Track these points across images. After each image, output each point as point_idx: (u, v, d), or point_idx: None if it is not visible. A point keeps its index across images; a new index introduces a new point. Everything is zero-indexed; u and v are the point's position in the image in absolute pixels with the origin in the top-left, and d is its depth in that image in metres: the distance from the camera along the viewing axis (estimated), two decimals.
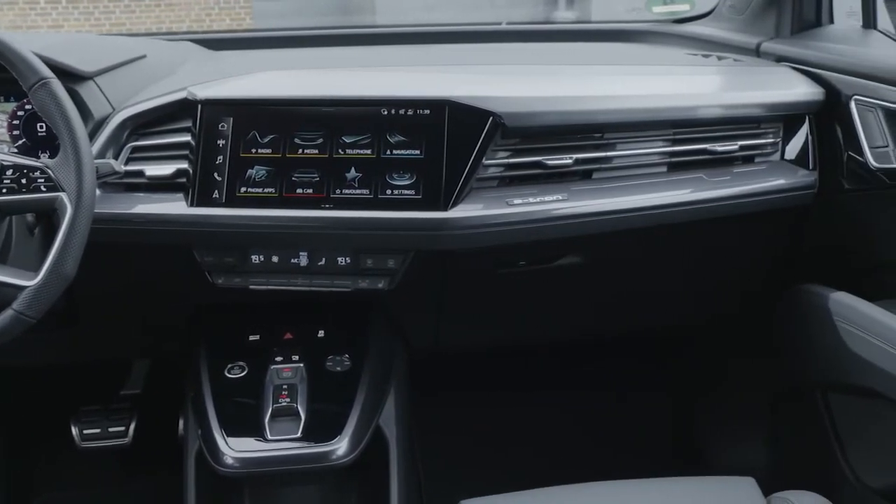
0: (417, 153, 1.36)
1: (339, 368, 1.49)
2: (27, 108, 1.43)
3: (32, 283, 1.13)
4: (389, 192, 1.35)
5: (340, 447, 1.38)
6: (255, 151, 1.36)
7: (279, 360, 1.48)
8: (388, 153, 1.36)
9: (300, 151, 1.36)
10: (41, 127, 1.43)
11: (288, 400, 1.42)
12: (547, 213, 1.39)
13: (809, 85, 1.59)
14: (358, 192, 1.35)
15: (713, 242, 1.61)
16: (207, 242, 1.40)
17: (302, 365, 1.48)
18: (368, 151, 1.36)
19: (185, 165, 1.37)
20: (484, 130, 1.36)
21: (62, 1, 8.80)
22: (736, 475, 1.28)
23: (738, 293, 1.80)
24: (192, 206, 1.35)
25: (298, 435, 1.39)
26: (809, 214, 1.60)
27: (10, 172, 1.17)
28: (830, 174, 1.57)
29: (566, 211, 1.40)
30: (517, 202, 1.38)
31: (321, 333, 1.55)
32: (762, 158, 1.58)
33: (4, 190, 1.17)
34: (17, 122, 1.43)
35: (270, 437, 1.39)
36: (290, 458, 1.37)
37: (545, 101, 1.43)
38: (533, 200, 1.38)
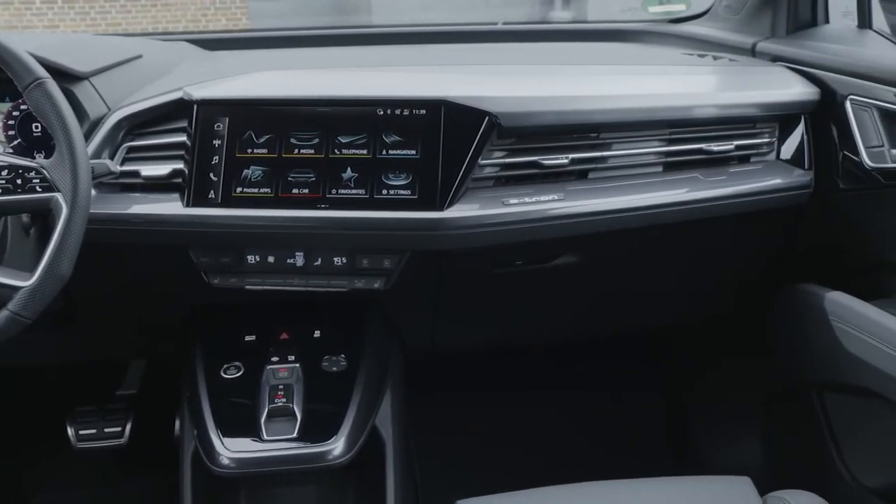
0: (413, 153, 1.35)
1: (335, 368, 1.49)
2: (22, 108, 1.42)
3: (28, 283, 1.12)
4: (385, 192, 1.35)
5: (336, 447, 1.38)
6: (250, 151, 1.36)
7: (275, 360, 1.48)
8: (384, 153, 1.36)
9: (296, 151, 1.36)
10: (36, 127, 1.43)
11: (284, 400, 1.42)
12: (543, 213, 1.39)
13: (805, 85, 1.59)
14: (354, 192, 1.35)
15: (709, 242, 1.62)
16: (203, 243, 1.40)
17: (298, 365, 1.47)
18: (364, 151, 1.36)
19: (180, 165, 1.36)
20: (480, 130, 1.36)
21: (58, 1, 8.79)
22: (731, 475, 1.28)
23: (733, 293, 1.80)
24: (187, 206, 1.35)
25: (294, 435, 1.39)
26: (805, 214, 1.60)
27: (5, 173, 1.17)
28: (826, 174, 1.57)
29: (562, 211, 1.40)
30: (513, 202, 1.37)
31: (317, 333, 1.55)
32: (758, 158, 1.58)
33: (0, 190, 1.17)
34: (12, 122, 1.43)
35: (266, 437, 1.38)
36: (286, 458, 1.37)
37: (541, 100, 1.43)
38: (529, 200, 1.38)
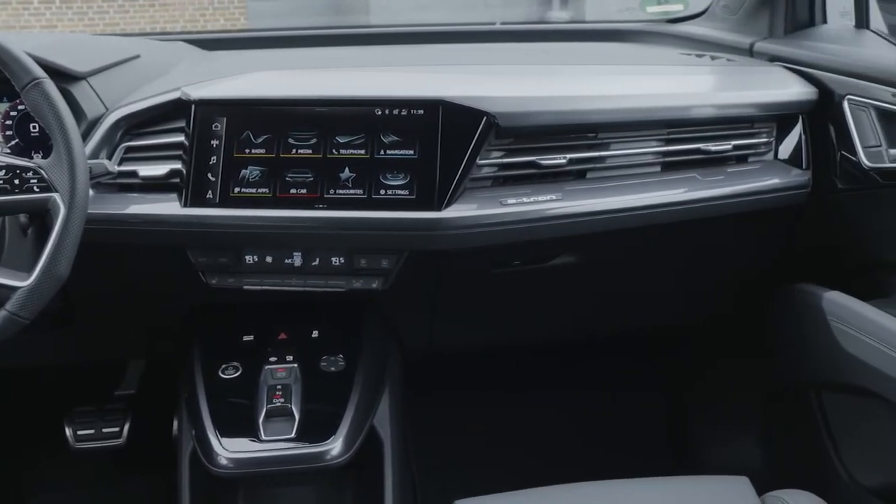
0: (411, 153, 1.35)
1: (333, 369, 1.49)
2: (20, 108, 1.42)
3: (25, 283, 1.12)
4: (383, 192, 1.35)
5: (334, 447, 1.38)
6: (248, 151, 1.36)
7: (273, 360, 1.48)
8: (381, 153, 1.36)
9: (294, 151, 1.36)
10: (34, 127, 1.43)
11: (282, 400, 1.41)
12: (541, 212, 1.39)
13: (803, 85, 1.59)
14: (352, 192, 1.35)
15: (707, 242, 1.62)
16: (201, 243, 1.40)
17: (296, 365, 1.47)
18: (362, 151, 1.36)
19: (178, 166, 1.36)
20: (478, 130, 1.36)
21: (56, 1, 8.78)
22: (730, 474, 1.28)
23: (731, 293, 1.80)
24: (185, 206, 1.35)
25: (292, 435, 1.39)
26: (803, 214, 1.60)
27: (2, 173, 1.17)
28: (824, 174, 1.57)
29: (560, 211, 1.40)
30: (511, 202, 1.37)
31: (315, 334, 1.55)
32: (756, 158, 1.58)
33: None
34: (9, 122, 1.43)
35: (264, 437, 1.38)
36: (284, 458, 1.37)
37: (539, 100, 1.43)
38: (527, 200, 1.38)
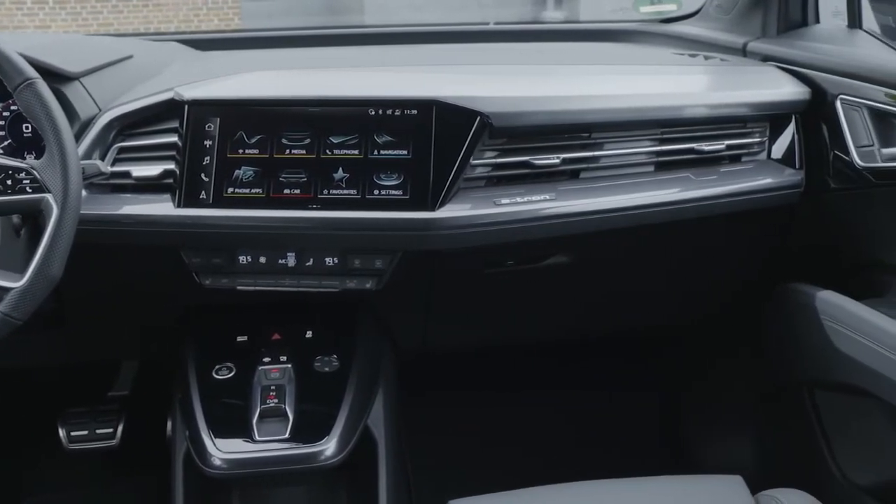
0: (405, 153, 1.35)
1: (327, 369, 1.49)
2: (12, 108, 1.42)
3: (18, 284, 1.12)
4: (377, 192, 1.35)
5: (329, 448, 1.38)
6: (242, 152, 1.36)
7: (267, 360, 1.48)
8: (375, 153, 1.36)
9: (287, 152, 1.36)
10: (27, 128, 1.42)
11: (276, 401, 1.41)
12: (534, 212, 1.39)
13: (795, 84, 1.59)
14: (345, 192, 1.35)
15: (701, 242, 1.62)
16: (195, 243, 1.40)
17: (290, 366, 1.47)
18: (356, 152, 1.36)
19: (171, 166, 1.36)
20: (471, 130, 1.36)
21: (49, 1, 8.77)
22: (724, 473, 1.28)
23: (725, 292, 1.80)
24: (179, 206, 1.35)
25: (286, 436, 1.38)
26: (796, 213, 1.61)
27: None
28: (817, 173, 1.57)
29: (554, 211, 1.40)
30: (505, 202, 1.37)
31: (309, 334, 1.54)
32: (749, 158, 1.58)
33: None
34: (2, 122, 1.42)
35: (258, 438, 1.38)
36: (278, 458, 1.37)
37: (533, 100, 1.43)
38: (520, 200, 1.38)
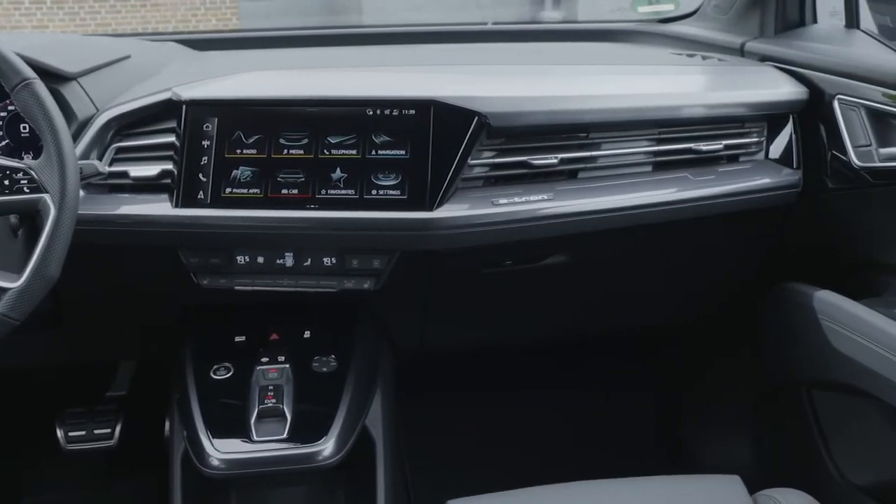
0: (403, 153, 1.35)
1: (325, 369, 1.49)
2: (10, 108, 1.41)
3: (16, 284, 1.12)
4: (375, 192, 1.35)
5: (326, 448, 1.38)
6: (240, 152, 1.36)
7: (265, 360, 1.48)
8: (373, 153, 1.36)
9: (285, 152, 1.36)
10: (24, 128, 1.42)
11: (274, 401, 1.41)
12: (532, 212, 1.39)
13: (793, 84, 1.59)
14: (343, 192, 1.35)
15: (698, 242, 1.62)
16: (192, 243, 1.39)
17: (288, 366, 1.47)
18: (354, 152, 1.36)
19: (169, 166, 1.36)
20: (469, 130, 1.36)
21: (47, 1, 8.75)
22: (722, 473, 1.28)
23: (723, 292, 1.80)
24: (176, 206, 1.35)
25: (284, 436, 1.38)
26: (794, 213, 1.61)
27: None
28: (814, 173, 1.57)
29: (551, 211, 1.40)
30: (502, 202, 1.37)
31: (307, 334, 1.54)
32: (746, 157, 1.58)
33: None
34: None
35: (256, 438, 1.38)
36: (276, 459, 1.37)
37: (530, 100, 1.43)
38: (518, 200, 1.38)
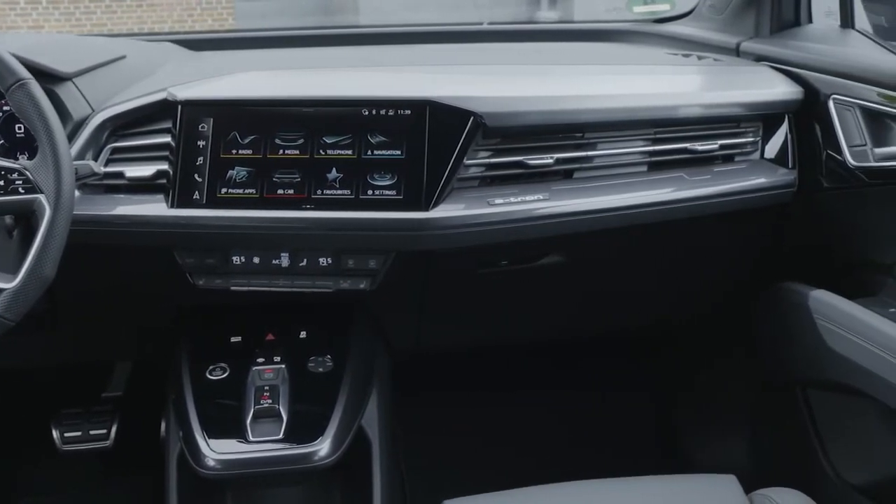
0: (398, 153, 1.35)
1: (321, 369, 1.49)
2: (5, 109, 1.41)
3: (11, 285, 1.12)
4: (370, 192, 1.35)
5: (322, 448, 1.38)
6: (235, 152, 1.36)
7: (261, 361, 1.48)
8: (369, 154, 1.36)
9: (281, 152, 1.36)
10: (19, 128, 1.42)
11: (270, 401, 1.41)
12: (528, 212, 1.39)
13: (788, 84, 1.59)
14: (339, 192, 1.35)
15: (694, 242, 1.62)
16: (188, 244, 1.39)
17: (284, 366, 1.47)
18: (349, 152, 1.36)
19: (165, 166, 1.36)
20: (465, 130, 1.36)
21: (43, 1, 8.74)
22: (717, 473, 1.28)
23: (719, 292, 1.81)
24: (172, 207, 1.35)
25: (280, 436, 1.38)
26: (789, 213, 1.61)
27: None
28: (810, 173, 1.57)
29: (547, 210, 1.40)
30: (498, 202, 1.37)
31: (303, 334, 1.54)
32: (742, 157, 1.59)
33: None
34: None
35: (252, 438, 1.38)
36: (272, 459, 1.37)
37: (526, 100, 1.43)
38: (514, 200, 1.38)
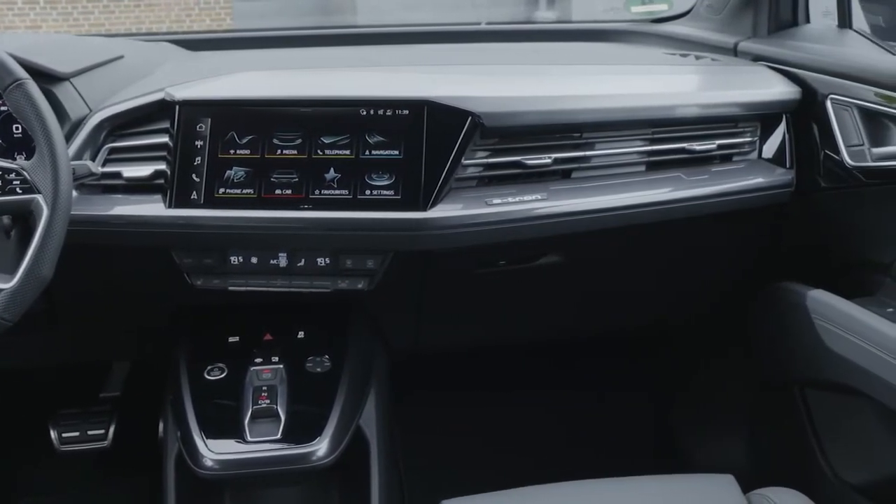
0: (396, 153, 1.35)
1: (318, 369, 1.49)
2: (2, 109, 1.41)
3: (8, 285, 1.12)
4: (368, 192, 1.35)
5: (320, 448, 1.38)
6: (233, 152, 1.35)
7: (259, 361, 1.48)
8: (367, 153, 1.35)
9: (279, 152, 1.36)
10: (17, 128, 1.42)
11: (268, 401, 1.41)
12: (526, 212, 1.39)
13: (786, 84, 1.60)
14: (337, 192, 1.35)
15: (692, 241, 1.62)
16: (186, 244, 1.39)
17: (282, 366, 1.47)
18: (347, 152, 1.36)
19: (163, 167, 1.36)
20: (463, 130, 1.36)
21: (40, 1, 8.73)
22: (715, 473, 1.28)
23: (717, 292, 1.81)
24: (170, 207, 1.34)
25: (278, 436, 1.38)
26: (787, 213, 1.61)
27: None
28: (807, 172, 1.58)
29: (545, 210, 1.40)
30: (496, 202, 1.37)
31: (301, 334, 1.54)
32: (740, 157, 1.59)
33: None
34: None
35: (250, 438, 1.38)
36: (270, 459, 1.37)
37: (524, 100, 1.43)
38: (512, 200, 1.38)
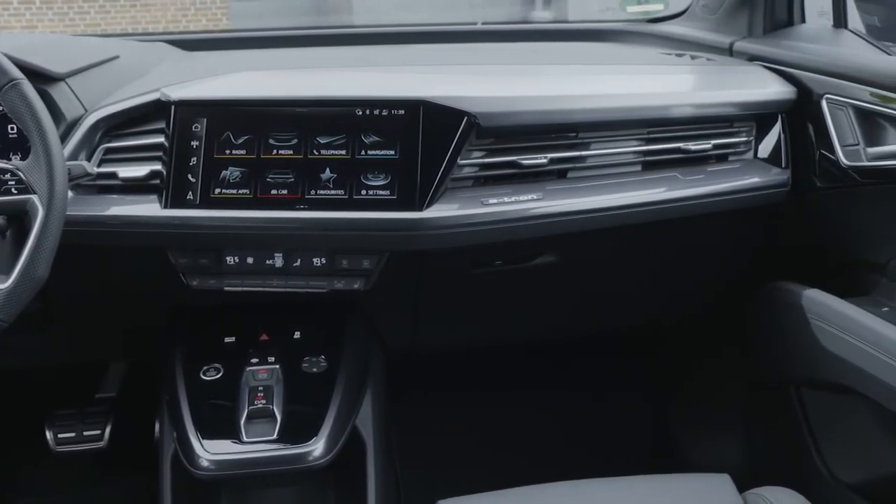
0: (392, 153, 1.35)
1: (315, 369, 1.48)
2: None
3: (3, 286, 1.11)
4: (364, 192, 1.35)
5: (317, 448, 1.38)
6: (229, 152, 1.35)
7: (255, 361, 1.47)
8: (362, 154, 1.35)
9: (274, 152, 1.36)
10: (12, 129, 1.41)
11: (264, 401, 1.41)
12: (522, 212, 1.39)
13: (782, 84, 1.60)
14: (333, 192, 1.35)
15: (688, 241, 1.62)
16: (182, 244, 1.39)
17: (278, 366, 1.47)
18: (343, 152, 1.36)
19: (158, 167, 1.36)
20: (458, 130, 1.35)
21: (36, 1, 8.72)
22: (711, 472, 1.28)
23: (712, 292, 1.81)
24: (165, 207, 1.34)
25: (274, 437, 1.38)
26: (782, 213, 1.61)
27: None
28: (803, 172, 1.58)
29: (541, 210, 1.40)
30: (492, 202, 1.37)
31: (297, 335, 1.54)
32: (735, 157, 1.59)
33: None
34: None
35: (246, 438, 1.38)
36: (266, 459, 1.37)
37: (520, 100, 1.43)
38: (508, 200, 1.38)
